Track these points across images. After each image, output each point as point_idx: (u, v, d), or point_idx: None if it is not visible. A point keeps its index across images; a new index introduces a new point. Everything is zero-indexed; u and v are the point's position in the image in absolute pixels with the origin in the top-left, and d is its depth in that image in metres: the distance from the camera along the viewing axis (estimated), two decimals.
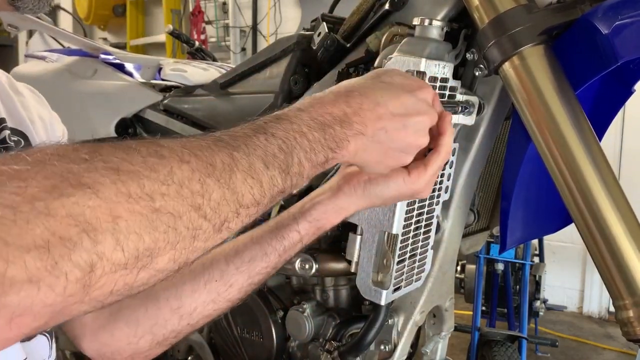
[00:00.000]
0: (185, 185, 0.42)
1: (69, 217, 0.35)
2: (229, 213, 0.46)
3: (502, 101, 0.89)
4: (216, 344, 1.20)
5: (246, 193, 0.47)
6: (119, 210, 0.37)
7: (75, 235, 0.35)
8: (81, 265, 0.35)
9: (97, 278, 0.36)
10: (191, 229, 0.42)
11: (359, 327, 0.98)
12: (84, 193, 0.36)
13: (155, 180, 0.40)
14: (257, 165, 0.49)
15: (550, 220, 1.00)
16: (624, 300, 0.70)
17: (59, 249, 0.34)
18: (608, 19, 0.71)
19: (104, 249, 0.36)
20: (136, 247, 0.38)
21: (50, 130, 0.82)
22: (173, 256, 0.42)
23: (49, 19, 1.68)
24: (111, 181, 0.38)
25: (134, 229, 0.38)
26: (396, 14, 0.92)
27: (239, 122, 0.55)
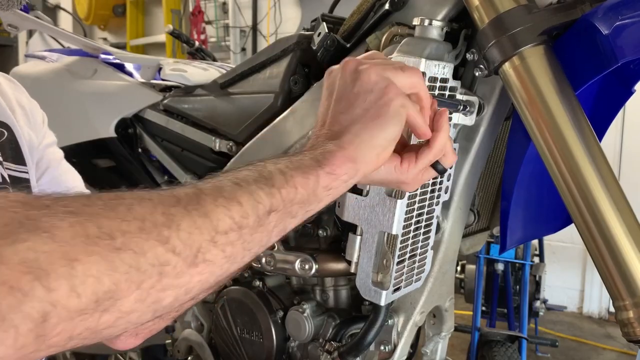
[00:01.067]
0: (148, 220, 0.40)
1: (21, 264, 0.34)
2: (202, 242, 0.43)
3: (502, 101, 0.89)
4: (216, 344, 1.20)
5: (222, 217, 0.44)
6: (76, 253, 0.36)
7: (27, 283, 0.34)
8: (33, 315, 0.34)
9: (51, 327, 0.35)
10: (157, 265, 0.40)
11: (359, 327, 0.98)
12: (39, 237, 0.35)
13: (114, 218, 0.39)
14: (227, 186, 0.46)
15: (550, 221, 1.00)
16: (624, 301, 0.70)
17: (8, 299, 0.33)
18: (608, 19, 0.71)
19: (58, 297, 0.35)
20: (94, 291, 0.36)
21: (31, 117, 0.82)
22: (139, 296, 0.39)
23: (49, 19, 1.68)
24: (69, 224, 0.37)
25: (91, 272, 0.36)
26: (396, 14, 0.92)
27: None
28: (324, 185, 0.54)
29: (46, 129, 0.87)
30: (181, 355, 1.28)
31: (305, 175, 0.52)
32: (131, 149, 1.40)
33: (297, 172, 0.51)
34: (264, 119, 1.11)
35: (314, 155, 0.54)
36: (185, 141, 1.28)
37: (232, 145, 1.16)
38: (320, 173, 0.53)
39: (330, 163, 0.54)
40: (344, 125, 0.59)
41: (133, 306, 0.39)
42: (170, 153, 1.33)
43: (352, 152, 0.56)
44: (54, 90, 1.51)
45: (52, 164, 0.86)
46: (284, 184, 0.50)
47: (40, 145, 0.84)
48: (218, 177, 0.48)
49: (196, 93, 1.30)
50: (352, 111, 0.59)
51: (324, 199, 0.55)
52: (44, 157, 0.84)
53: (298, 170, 0.52)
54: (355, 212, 0.84)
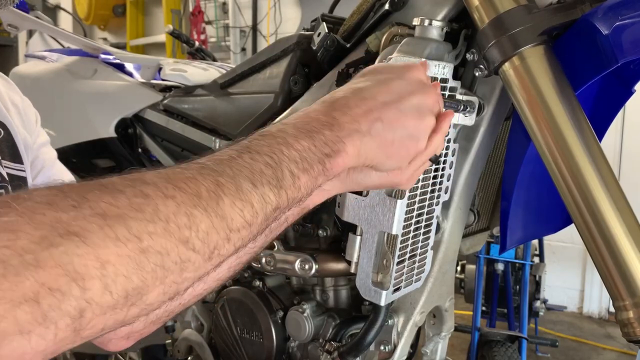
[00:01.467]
0: (172, 221, 0.43)
1: (57, 267, 0.36)
2: (218, 240, 0.46)
3: (502, 101, 0.89)
4: (216, 344, 1.20)
5: (236, 217, 0.47)
6: (107, 256, 0.38)
7: (64, 285, 0.36)
8: (71, 312, 0.36)
9: (87, 321, 0.38)
10: (179, 262, 0.43)
11: (359, 327, 0.98)
12: (71, 242, 0.37)
13: (142, 220, 0.41)
14: (245, 186, 0.49)
15: (550, 221, 1.00)
16: (624, 301, 0.70)
17: (49, 299, 0.35)
18: (608, 19, 0.71)
19: (93, 295, 0.37)
20: (124, 288, 0.39)
21: (24, 115, 0.82)
22: (162, 290, 0.43)
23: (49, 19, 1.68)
24: (98, 227, 0.39)
25: (122, 272, 0.39)
26: (396, 14, 0.92)
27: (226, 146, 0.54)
28: (318, 184, 0.56)
29: (39, 128, 0.87)
30: (181, 355, 1.28)
31: (309, 178, 0.54)
32: (131, 149, 1.40)
33: (304, 174, 0.53)
34: (264, 119, 1.11)
35: (321, 157, 0.55)
36: (185, 141, 1.28)
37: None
38: (321, 177, 0.55)
39: (331, 167, 0.56)
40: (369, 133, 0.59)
41: (156, 298, 0.42)
42: (170, 153, 1.33)
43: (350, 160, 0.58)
44: (54, 90, 1.51)
45: (46, 163, 0.86)
46: (292, 185, 0.52)
47: (35, 145, 0.84)
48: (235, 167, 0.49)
49: (196, 93, 1.30)
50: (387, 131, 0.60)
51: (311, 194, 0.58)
52: (39, 156, 0.84)
53: (305, 172, 0.54)
54: (355, 212, 0.84)
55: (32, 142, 0.83)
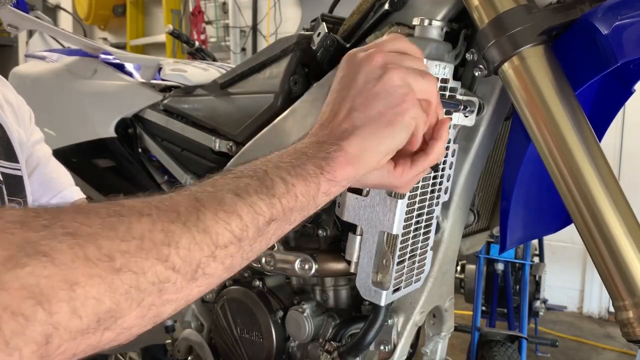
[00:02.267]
0: (147, 238, 0.40)
1: (22, 290, 0.34)
2: (202, 258, 0.43)
3: (502, 101, 0.89)
4: (216, 344, 1.20)
5: (221, 231, 0.44)
6: (76, 276, 0.36)
7: (29, 308, 0.34)
8: (36, 338, 0.34)
9: (55, 347, 0.35)
10: (157, 283, 0.40)
11: (359, 327, 0.98)
12: (39, 262, 0.35)
13: (114, 238, 0.39)
14: (227, 199, 0.46)
15: (550, 221, 1.00)
16: (624, 301, 0.70)
17: (11, 324, 0.33)
18: (608, 19, 0.71)
19: (60, 319, 0.35)
20: (95, 312, 0.37)
21: (19, 113, 0.82)
22: (140, 313, 0.40)
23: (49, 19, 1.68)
24: (68, 246, 0.37)
25: (92, 294, 0.37)
26: (396, 14, 0.92)
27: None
28: (323, 191, 0.54)
29: (33, 125, 0.86)
30: (181, 355, 1.28)
31: (306, 183, 0.52)
32: (131, 149, 1.40)
33: (298, 180, 0.51)
34: (264, 119, 1.11)
35: (317, 160, 0.54)
36: (185, 141, 1.28)
37: (232, 145, 1.16)
38: (322, 180, 0.53)
39: (332, 170, 0.54)
40: (355, 125, 0.58)
41: (134, 322, 0.40)
42: (170, 153, 1.33)
43: (355, 157, 0.56)
44: (54, 90, 1.51)
45: (41, 161, 0.85)
46: (285, 193, 0.50)
47: (29, 142, 0.83)
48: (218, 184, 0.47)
49: (196, 93, 1.30)
50: (367, 112, 0.59)
51: (322, 204, 0.55)
52: (33, 154, 0.84)
53: (300, 177, 0.51)
54: (356, 212, 0.84)
55: (27, 140, 0.82)
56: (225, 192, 0.46)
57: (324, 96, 0.99)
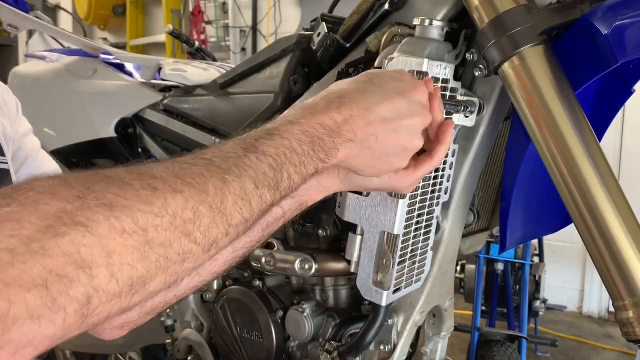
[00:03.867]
0: (179, 216, 0.44)
1: (65, 256, 0.37)
2: (218, 235, 0.47)
3: (502, 101, 0.89)
4: (216, 344, 1.20)
5: (235, 214, 0.49)
6: (113, 246, 0.39)
7: (72, 272, 0.37)
8: (79, 299, 0.37)
9: (94, 308, 0.38)
10: (181, 254, 0.44)
11: (359, 327, 0.98)
12: (78, 232, 0.38)
13: (149, 213, 0.42)
14: (248, 187, 0.51)
15: (550, 220, 1.00)
16: (624, 301, 0.70)
17: (57, 285, 0.36)
18: (608, 19, 0.71)
19: (100, 283, 0.38)
20: (130, 277, 0.40)
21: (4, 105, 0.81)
22: (164, 279, 0.44)
23: (49, 19, 1.68)
24: (105, 218, 0.40)
25: (127, 262, 0.40)
26: (396, 14, 0.92)
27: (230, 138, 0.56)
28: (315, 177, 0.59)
29: (21, 116, 0.85)
30: (181, 355, 1.28)
31: (302, 178, 0.57)
32: (131, 149, 1.40)
33: (299, 177, 0.56)
34: (263, 119, 1.11)
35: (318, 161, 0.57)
36: (186, 141, 1.28)
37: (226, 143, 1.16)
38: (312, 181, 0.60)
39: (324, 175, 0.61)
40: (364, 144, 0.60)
41: (157, 287, 0.44)
42: (170, 153, 1.33)
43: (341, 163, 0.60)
44: (54, 90, 1.51)
45: (30, 154, 0.85)
46: (287, 187, 0.55)
47: (17, 135, 0.83)
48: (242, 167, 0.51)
49: (196, 93, 1.30)
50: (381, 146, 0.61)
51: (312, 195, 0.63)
52: (22, 147, 0.83)
53: (301, 176, 0.56)
54: (357, 212, 0.84)
55: (14, 133, 0.82)
56: (247, 180, 0.51)
57: None
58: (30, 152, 0.85)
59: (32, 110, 1.51)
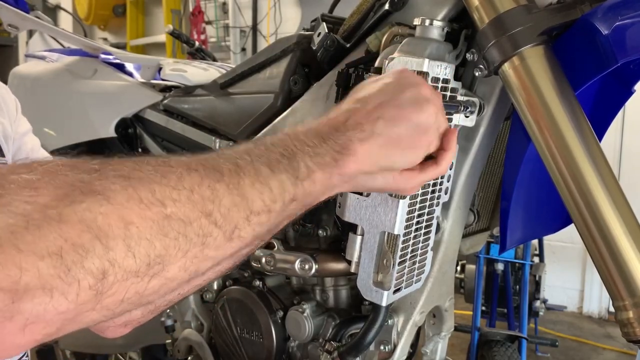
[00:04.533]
0: (196, 191, 0.42)
1: (81, 224, 0.35)
2: (239, 219, 0.45)
3: (502, 101, 0.89)
4: (216, 344, 1.20)
5: (256, 199, 0.47)
6: (131, 216, 0.38)
7: (88, 241, 0.35)
8: (94, 272, 0.35)
9: (109, 285, 0.37)
10: (201, 235, 0.42)
11: (359, 327, 0.98)
12: (95, 199, 0.37)
13: (166, 185, 0.41)
14: (263, 170, 0.49)
15: (550, 221, 1.00)
16: (624, 301, 0.70)
17: (72, 255, 0.34)
18: (608, 19, 0.71)
19: (116, 256, 0.36)
20: (147, 253, 0.38)
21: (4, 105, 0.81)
22: (184, 264, 0.42)
23: (49, 19, 1.68)
24: (122, 187, 0.38)
25: (145, 235, 0.38)
26: (396, 14, 0.92)
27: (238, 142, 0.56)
28: (333, 184, 0.57)
29: (20, 115, 0.85)
30: (181, 355, 1.28)
31: (323, 172, 0.55)
32: (131, 149, 1.40)
33: (318, 168, 0.54)
34: (264, 119, 1.11)
35: (333, 153, 0.57)
36: (186, 141, 1.28)
37: (232, 145, 1.16)
38: (335, 173, 0.56)
39: (344, 166, 0.57)
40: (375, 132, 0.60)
41: (177, 274, 0.41)
42: (170, 153, 1.33)
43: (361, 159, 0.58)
44: (54, 90, 1.51)
45: (30, 154, 0.84)
46: (307, 177, 0.53)
47: (16, 135, 0.82)
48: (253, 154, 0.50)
49: (196, 93, 1.30)
50: (391, 128, 0.61)
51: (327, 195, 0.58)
52: (22, 147, 0.83)
53: (319, 166, 0.55)
54: (357, 212, 0.84)
55: (14, 132, 0.82)
56: (261, 164, 0.49)
57: (324, 96, 0.99)
58: (30, 152, 0.85)
59: (32, 110, 1.51)
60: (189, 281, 0.44)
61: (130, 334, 0.71)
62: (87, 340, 1.54)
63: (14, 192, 0.35)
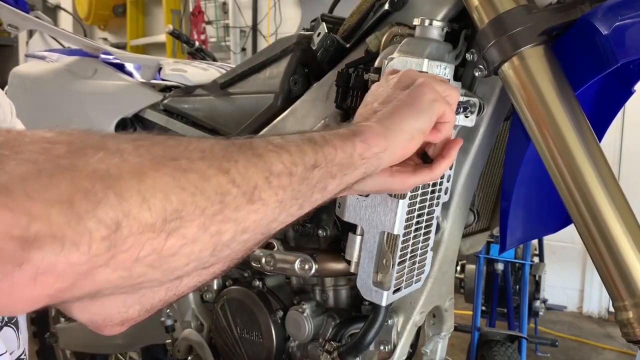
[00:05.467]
0: (208, 151, 0.41)
1: (94, 173, 0.34)
2: (259, 179, 0.44)
3: (502, 101, 0.89)
4: (216, 344, 1.20)
5: (274, 160, 0.46)
6: (144, 169, 0.37)
7: (101, 190, 0.34)
8: (106, 222, 0.34)
9: (123, 238, 0.35)
10: (219, 193, 0.41)
11: (359, 327, 0.98)
12: (108, 152, 0.36)
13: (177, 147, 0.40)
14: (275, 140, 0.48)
15: (550, 221, 1.00)
16: (624, 302, 0.70)
17: (84, 203, 0.33)
18: (608, 19, 0.71)
19: (130, 207, 0.35)
20: (163, 206, 0.37)
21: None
22: (203, 224, 0.40)
23: (49, 19, 1.68)
24: (134, 147, 0.38)
25: (160, 188, 0.37)
26: (396, 14, 0.92)
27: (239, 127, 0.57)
28: (359, 152, 0.56)
29: (15, 119, 0.85)
30: (181, 355, 1.28)
31: (342, 140, 0.54)
32: None
33: (335, 137, 0.54)
34: (263, 119, 1.11)
35: (346, 129, 0.57)
36: None
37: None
38: (356, 140, 0.56)
39: (363, 133, 0.57)
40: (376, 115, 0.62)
41: (196, 234, 0.40)
42: None
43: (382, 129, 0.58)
44: (54, 90, 1.51)
45: None
46: (325, 144, 0.52)
47: None
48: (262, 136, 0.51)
49: (196, 93, 1.30)
50: (388, 103, 0.63)
51: (360, 167, 0.57)
52: None
53: (336, 135, 0.54)
54: (357, 212, 0.84)
55: None
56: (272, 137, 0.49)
57: (324, 96, 0.99)
58: None
59: (32, 110, 1.51)
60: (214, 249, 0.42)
61: (130, 333, 0.71)
62: (87, 340, 1.54)
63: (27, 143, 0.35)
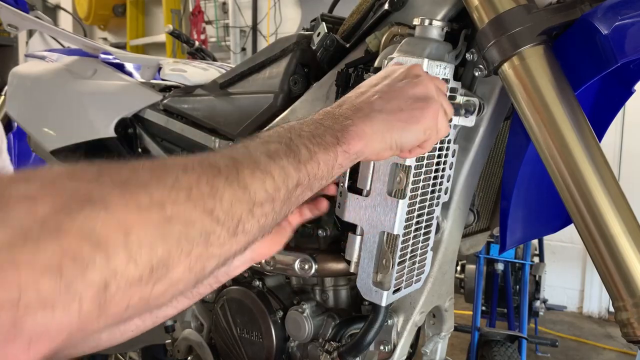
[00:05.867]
0: (194, 189, 0.42)
1: (80, 234, 0.35)
2: (242, 213, 0.45)
3: (502, 101, 0.89)
4: (216, 344, 1.20)
5: (258, 189, 0.46)
6: (130, 222, 0.37)
7: (88, 253, 0.35)
8: (95, 283, 0.35)
9: (111, 295, 0.36)
10: (204, 234, 0.42)
11: (359, 327, 0.98)
12: (93, 208, 0.36)
13: (164, 187, 0.40)
14: (262, 159, 0.49)
15: (550, 221, 1.00)
16: (624, 301, 0.70)
17: (72, 269, 0.34)
18: (608, 19, 0.71)
19: (117, 265, 0.36)
20: (149, 259, 0.38)
21: None
22: (188, 265, 0.41)
23: (49, 19, 1.68)
24: (119, 194, 0.38)
25: (146, 241, 0.38)
26: (396, 14, 0.92)
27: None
28: (340, 162, 0.57)
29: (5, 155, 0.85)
30: (181, 355, 1.28)
31: (326, 152, 0.55)
32: (131, 149, 1.40)
33: (319, 148, 0.54)
34: (263, 119, 1.11)
35: (333, 132, 0.57)
36: (185, 141, 1.28)
37: (230, 144, 1.16)
38: (339, 151, 0.56)
39: (347, 141, 0.57)
40: (373, 108, 0.61)
41: (182, 275, 0.41)
42: (170, 153, 1.33)
43: (365, 134, 0.59)
44: (54, 90, 1.51)
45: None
46: (309, 159, 0.53)
47: None
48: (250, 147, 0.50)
49: (196, 93, 1.30)
50: (389, 102, 0.62)
51: (336, 175, 0.58)
52: None
53: (320, 147, 0.54)
54: (356, 212, 0.84)
55: None
56: (259, 154, 0.49)
57: (323, 96, 0.99)
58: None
59: (32, 110, 1.51)
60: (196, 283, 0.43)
61: None
62: None
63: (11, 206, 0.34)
